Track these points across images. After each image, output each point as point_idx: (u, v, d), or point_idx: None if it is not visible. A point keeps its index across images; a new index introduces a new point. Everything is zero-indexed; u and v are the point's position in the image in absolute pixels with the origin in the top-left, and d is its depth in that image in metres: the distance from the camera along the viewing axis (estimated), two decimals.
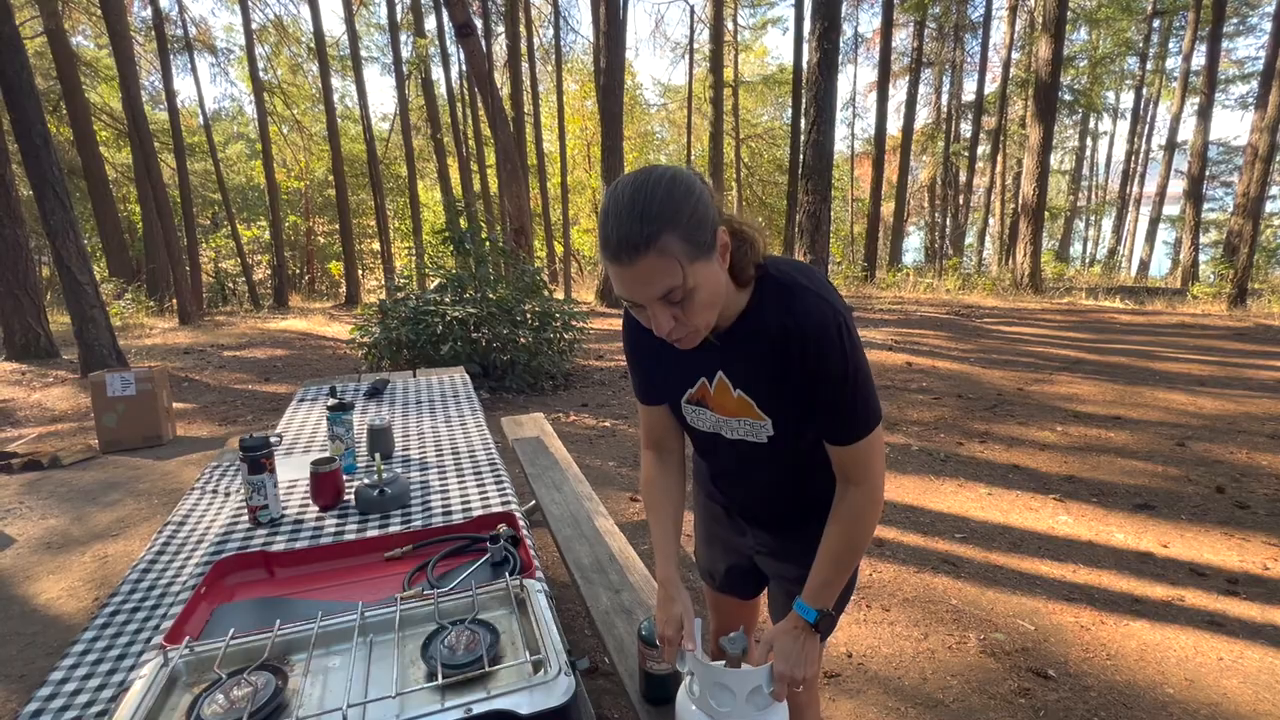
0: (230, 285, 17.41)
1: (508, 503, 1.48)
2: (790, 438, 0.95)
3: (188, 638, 0.89)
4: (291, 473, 1.69)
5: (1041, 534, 2.77)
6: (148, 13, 12.31)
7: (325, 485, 1.45)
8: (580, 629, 2.12)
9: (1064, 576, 2.43)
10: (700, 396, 1.00)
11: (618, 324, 1.12)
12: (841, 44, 8.39)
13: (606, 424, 4.46)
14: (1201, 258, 14.19)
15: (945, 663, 1.96)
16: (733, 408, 0.97)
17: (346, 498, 1.51)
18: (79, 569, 2.56)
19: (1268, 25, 18.16)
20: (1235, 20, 17.96)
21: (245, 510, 1.43)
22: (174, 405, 4.65)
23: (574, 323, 5.85)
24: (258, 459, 1.35)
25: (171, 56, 13.14)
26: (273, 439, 1.66)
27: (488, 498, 1.52)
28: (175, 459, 3.84)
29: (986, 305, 10.17)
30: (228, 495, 2.11)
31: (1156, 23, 18.84)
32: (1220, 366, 5.68)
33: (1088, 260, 23.36)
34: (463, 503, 1.50)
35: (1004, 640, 2.06)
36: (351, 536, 1.34)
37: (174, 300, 10.46)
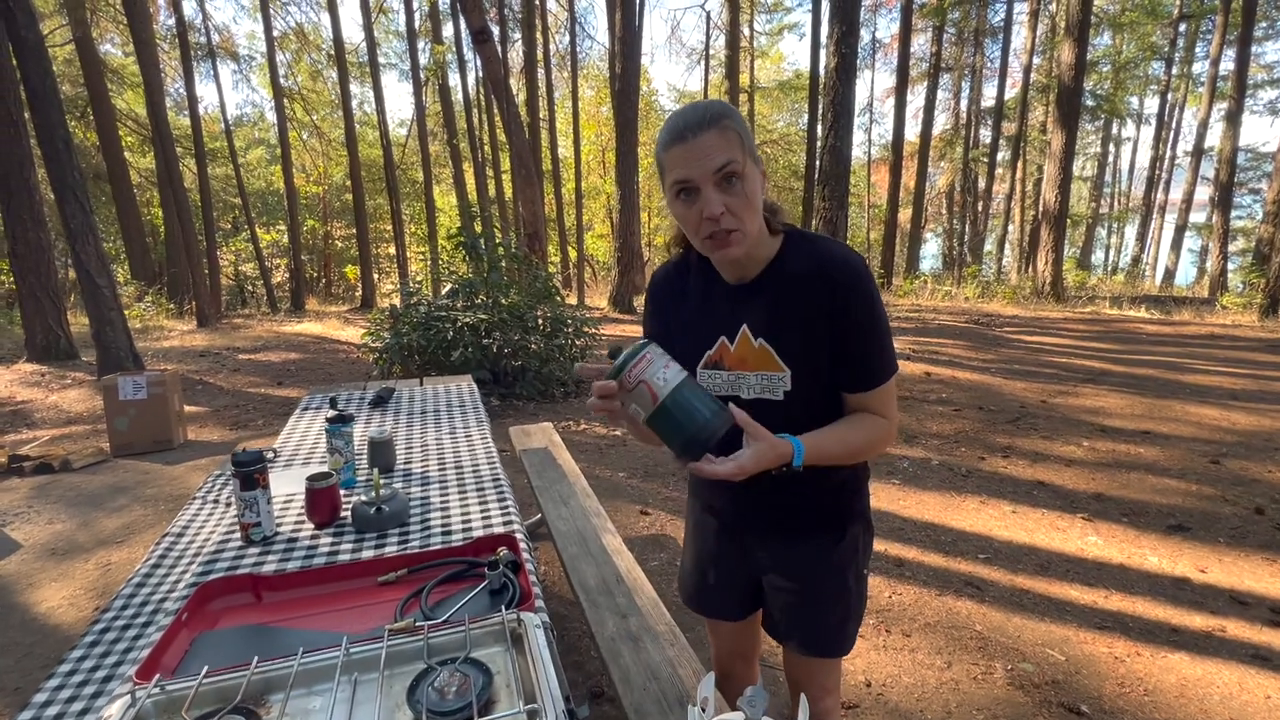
0: (249, 288, 17.65)
1: (509, 522, 1.41)
2: (807, 389, 0.96)
3: (158, 675, 0.83)
4: (290, 486, 1.64)
5: (1070, 556, 2.65)
6: (173, 21, 12.54)
7: (321, 502, 1.40)
8: (585, 650, 2.05)
9: (1095, 602, 2.31)
10: (718, 358, 1.01)
11: (631, 330, 1.06)
12: (859, 49, 8.29)
13: (617, 433, 4.39)
14: (1229, 266, 13.83)
15: (970, 695, 1.86)
16: (752, 361, 0.97)
17: (343, 515, 1.45)
18: (82, 576, 2.54)
19: None
20: (1264, 24, 17.57)
21: (238, 527, 1.37)
22: (186, 409, 4.66)
23: (586, 329, 5.79)
24: (250, 474, 1.30)
25: (195, 63, 13.39)
26: (267, 454, 1.61)
27: (489, 516, 1.45)
28: (184, 464, 3.83)
29: (1007, 314, 9.97)
30: (229, 505, 2.06)
31: (1183, 27, 18.47)
32: (1254, 380, 5.48)
33: (1110, 268, 22.94)
34: (463, 521, 1.43)
35: (1033, 671, 1.95)
36: (346, 557, 1.28)
37: (193, 303, 10.59)
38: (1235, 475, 3.47)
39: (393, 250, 18.37)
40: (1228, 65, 13.94)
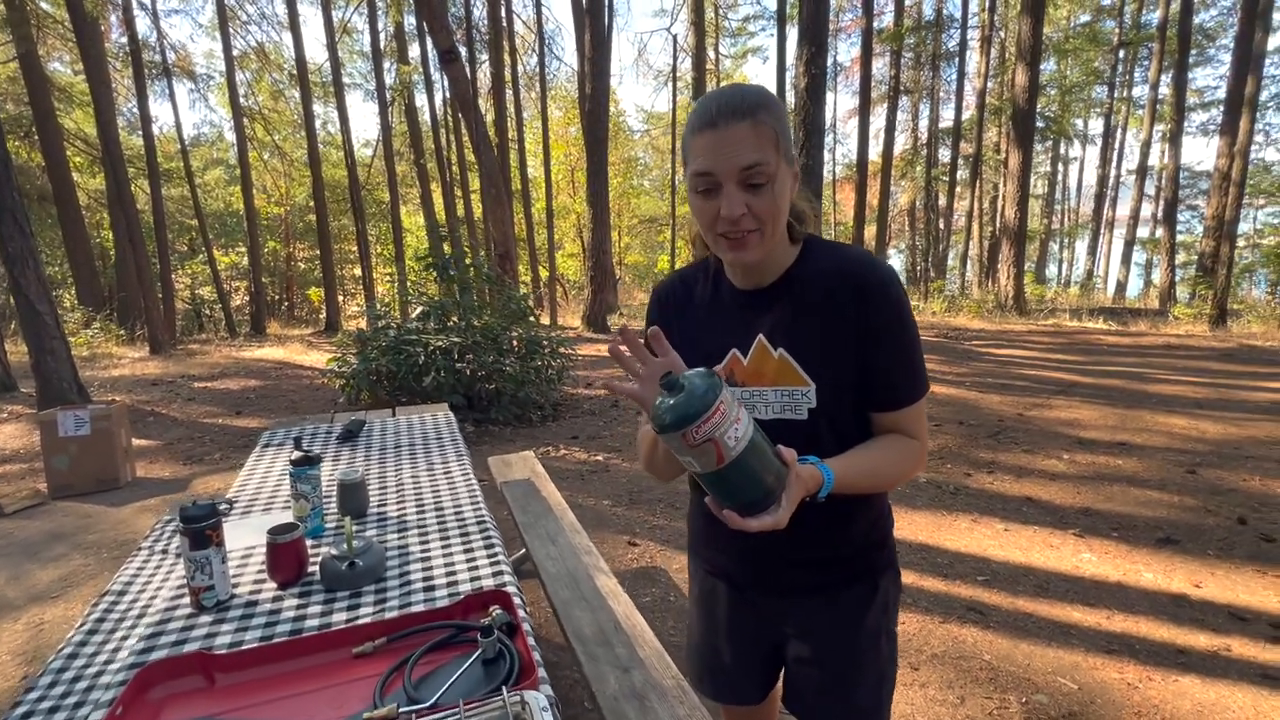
0: (206, 312, 16.99)
1: (500, 574, 1.28)
2: (833, 407, 0.85)
3: None
4: (248, 537, 1.47)
5: (1067, 575, 2.61)
6: (126, 39, 12.13)
7: (285, 558, 1.24)
8: (579, 701, 1.89)
9: (1099, 624, 2.26)
10: (728, 373, 0.90)
11: (606, 350, 0.96)
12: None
13: (599, 458, 4.25)
14: (1175, 278, 14.46)
15: None
16: (771, 374, 0.87)
17: (311, 570, 1.29)
18: (9, 640, 2.27)
19: (1225, 56, 18.98)
20: (1194, 52, 18.70)
21: (186, 591, 1.20)
22: (135, 443, 4.35)
23: (562, 350, 5.66)
24: (201, 531, 1.14)
25: (150, 82, 12.97)
26: (222, 505, 1.44)
27: (477, 566, 1.31)
28: (130, 505, 3.54)
29: (973, 328, 10.18)
30: (179, 556, 1.86)
31: (1122, 53, 19.54)
32: (1214, 389, 5.64)
33: (1064, 281, 23.80)
34: (448, 574, 1.29)
35: (1048, 703, 1.87)
36: (315, 622, 1.13)
37: (145, 329, 10.09)
38: (1213, 485, 3.51)
39: (358, 272, 17.95)
40: (1165, 90, 14.75)
